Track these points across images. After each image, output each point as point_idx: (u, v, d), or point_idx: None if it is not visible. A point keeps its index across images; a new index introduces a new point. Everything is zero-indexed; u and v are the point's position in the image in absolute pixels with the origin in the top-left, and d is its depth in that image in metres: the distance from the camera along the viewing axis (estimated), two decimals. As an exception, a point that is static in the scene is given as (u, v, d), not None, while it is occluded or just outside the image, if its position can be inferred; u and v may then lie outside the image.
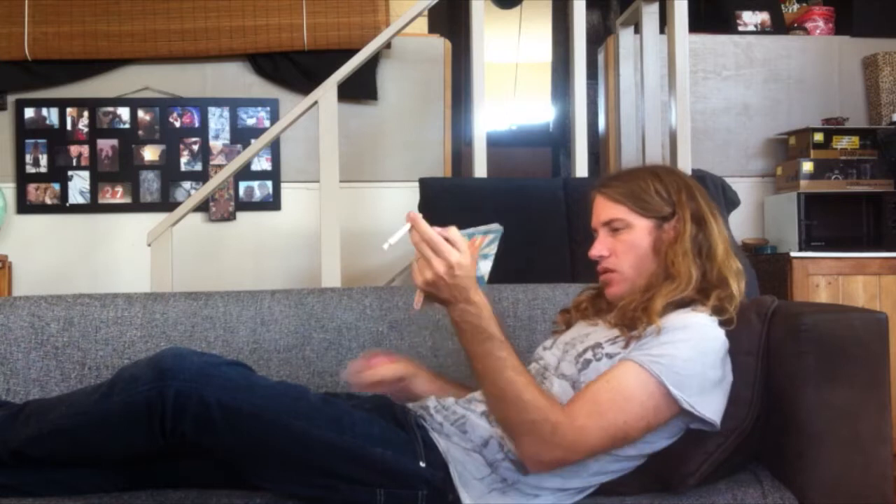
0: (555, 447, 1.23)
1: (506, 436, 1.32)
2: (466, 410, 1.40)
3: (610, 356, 1.36)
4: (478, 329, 1.22)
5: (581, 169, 2.83)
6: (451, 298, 1.21)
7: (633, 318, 1.36)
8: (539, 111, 5.57)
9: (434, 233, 1.20)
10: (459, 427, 1.37)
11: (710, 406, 1.30)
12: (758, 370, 1.38)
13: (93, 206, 3.39)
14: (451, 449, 1.34)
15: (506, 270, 2.30)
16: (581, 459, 1.27)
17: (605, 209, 1.48)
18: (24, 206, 3.36)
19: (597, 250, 1.47)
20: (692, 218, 1.42)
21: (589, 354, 1.39)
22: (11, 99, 3.38)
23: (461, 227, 1.23)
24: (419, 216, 1.22)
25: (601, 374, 1.30)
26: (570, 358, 1.43)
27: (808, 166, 3.20)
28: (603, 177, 1.53)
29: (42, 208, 3.37)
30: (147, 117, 3.42)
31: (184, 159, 3.43)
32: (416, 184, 2.64)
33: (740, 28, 3.63)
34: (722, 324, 1.37)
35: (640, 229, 1.44)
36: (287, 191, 3.46)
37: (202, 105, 3.44)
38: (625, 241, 1.44)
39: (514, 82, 5.68)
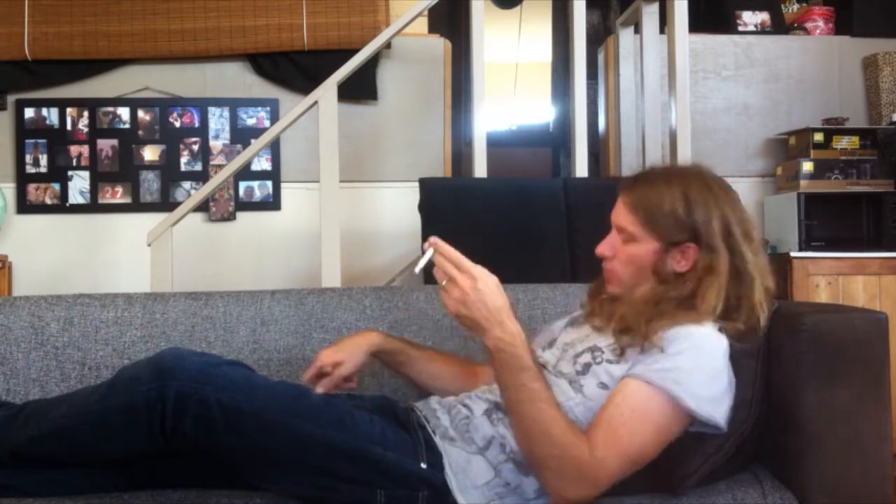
0: (578, 483, 1.22)
1: (507, 436, 1.32)
2: (469, 411, 1.40)
3: (610, 361, 1.35)
4: (513, 358, 1.22)
5: (581, 169, 2.83)
6: (485, 322, 1.21)
7: (633, 332, 1.33)
8: (539, 111, 5.57)
9: (456, 252, 1.23)
10: (464, 428, 1.37)
11: (720, 412, 1.30)
12: (758, 372, 1.38)
13: (93, 206, 3.39)
14: (453, 454, 1.34)
15: (506, 270, 2.31)
16: (606, 488, 1.25)
17: (620, 213, 1.43)
18: (24, 206, 3.36)
19: (602, 249, 1.46)
20: (727, 248, 1.35)
21: (587, 357, 1.38)
22: (11, 99, 3.38)
23: (461, 226, 1.24)
24: (439, 239, 1.24)
25: (610, 399, 1.28)
26: (568, 357, 1.43)
27: (808, 166, 3.20)
28: (636, 174, 1.47)
29: (42, 208, 3.37)
30: (147, 117, 3.42)
31: (184, 159, 3.43)
32: (416, 184, 2.64)
33: (740, 28, 3.63)
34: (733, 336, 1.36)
35: (646, 248, 1.40)
36: (287, 191, 3.46)
37: (202, 105, 3.44)
38: (629, 252, 1.42)
39: (514, 82, 5.68)
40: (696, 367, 1.29)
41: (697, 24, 3.41)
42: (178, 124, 3.44)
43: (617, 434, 1.24)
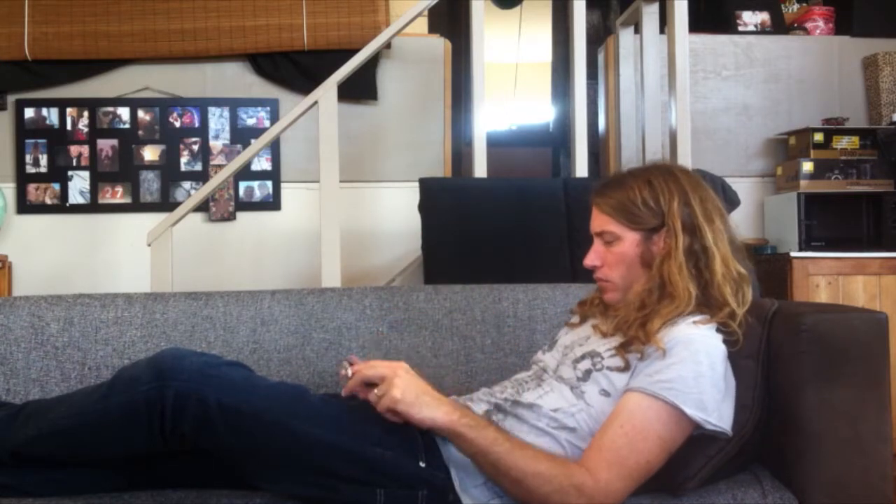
0: None
1: None
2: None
3: (611, 369, 1.35)
4: (472, 420, 1.25)
5: (581, 169, 2.83)
6: (428, 401, 1.26)
7: (631, 339, 1.35)
8: (539, 111, 5.57)
9: (366, 365, 1.32)
10: None
11: (724, 417, 1.30)
12: (759, 374, 1.38)
13: (93, 206, 3.39)
14: (453, 452, 1.33)
15: (506, 270, 2.31)
16: None
17: (597, 219, 1.47)
18: (24, 206, 3.36)
19: (589, 260, 1.48)
20: (684, 228, 1.39)
21: (587, 363, 1.38)
22: (11, 99, 3.38)
23: (461, 226, 1.24)
24: (355, 361, 1.35)
25: (613, 418, 1.28)
26: (568, 361, 1.43)
27: (808, 166, 3.20)
28: (600, 183, 1.51)
29: (42, 208, 3.37)
30: (147, 117, 3.42)
31: (184, 159, 3.43)
32: (416, 184, 2.64)
33: (740, 28, 3.63)
34: (729, 343, 1.36)
35: (629, 242, 1.43)
36: (287, 191, 3.46)
37: (202, 105, 3.44)
38: (615, 252, 1.44)
39: (514, 82, 5.68)
40: (699, 375, 1.28)
41: (697, 24, 3.41)
42: (178, 124, 3.44)
43: (620, 455, 1.24)
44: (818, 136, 3.25)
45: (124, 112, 3.41)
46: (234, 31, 3.39)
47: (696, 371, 1.28)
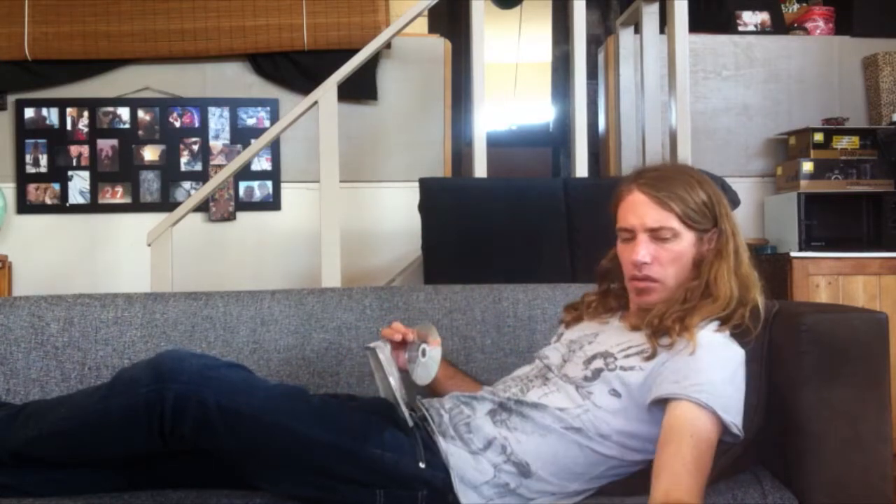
0: None
1: (509, 437, 1.32)
2: (472, 410, 1.40)
3: (624, 369, 1.35)
4: None
5: (581, 169, 2.83)
6: None
7: (667, 328, 1.34)
8: (539, 111, 5.57)
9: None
10: (464, 428, 1.36)
11: (741, 421, 1.31)
12: (761, 376, 1.39)
13: (93, 206, 3.39)
14: (453, 451, 1.34)
15: (506, 270, 2.31)
16: None
17: (652, 213, 1.40)
18: (24, 206, 3.36)
19: (641, 256, 1.40)
20: (732, 232, 1.42)
21: (599, 363, 1.38)
22: (11, 99, 3.38)
23: (461, 226, 1.24)
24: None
25: (678, 434, 1.23)
26: (576, 360, 1.42)
27: (808, 166, 3.19)
28: (646, 172, 1.45)
29: (42, 208, 3.37)
30: (147, 117, 3.42)
31: (184, 159, 3.43)
32: (416, 184, 2.64)
33: (740, 28, 3.63)
34: (743, 344, 1.37)
35: (687, 241, 1.41)
36: (287, 191, 3.46)
37: (202, 105, 3.44)
38: (672, 250, 1.40)
39: (514, 82, 5.68)
40: (724, 380, 1.29)
41: (697, 24, 3.40)
42: (178, 124, 3.44)
43: (697, 465, 1.21)
44: (818, 136, 3.25)
45: (124, 112, 3.41)
46: (234, 31, 3.39)
47: (722, 376, 1.29)
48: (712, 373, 1.28)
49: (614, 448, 1.33)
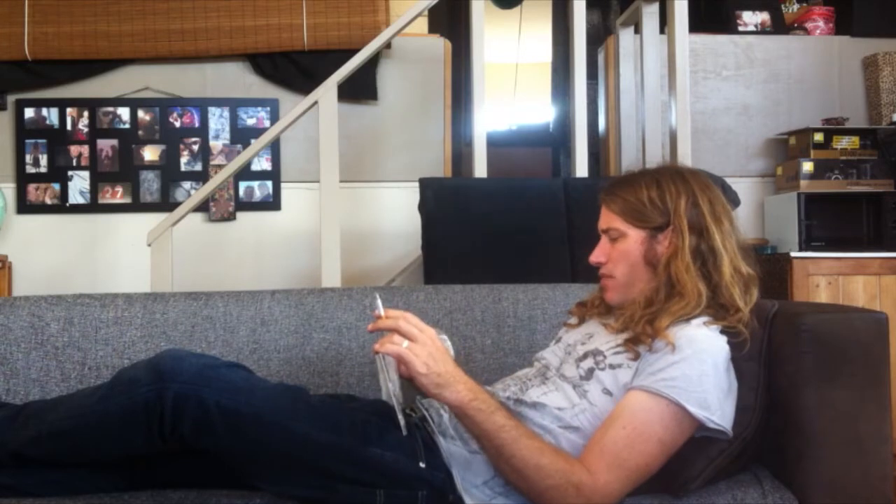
0: None
1: None
2: None
3: (613, 367, 1.35)
4: (484, 403, 1.23)
5: (581, 169, 2.83)
6: (450, 375, 1.21)
7: (638, 335, 1.35)
8: (539, 111, 5.57)
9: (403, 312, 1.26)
10: (463, 428, 1.36)
11: (726, 416, 1.30)
12: (760, 375, 1.38)
13: (93, 206, 3.39)
14: (454, 451, 1.34)
15: (506, 270, 2.31)
16: None
17: (604, 217, 1.49)
18: (24, 206, 3.36)
19: (594, 256, 1.49)
20: (692, 228, 1.39)
21: (590, 362, 1.38)
22: (11, 99, 3.38)
23: (461, 226, 1.24)
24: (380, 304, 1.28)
25: (615, 417, 1.28)
26: (571, 360, 1.43)
27: (808, 166, 3.20)
28: (609, 182, 1.53)
29: (42, 208, 3.37)
30: (147, 117, 3.42)
31: (184, 159, 3.43)
32: (416, 184, 2.64)
33: (740, 28, 3.63)
34: (737, 345, 1.36)
35: (633, 239, 1.44)
36: (287, 191, 3.46)
37: (202, 105, 3.44)
38: (619, 249, 1.45)
39: (514, 82, 5.67)
40: (702, 374, 1.29)
41: (697, 24, 3.41)
42: (178, 124, 3.44)
43: (620, 457, 1.24)
44: (818, 136, 3.25)
45: (124, 112, 3.41)
46: (234, 31, 3.39)
47: (700, 370, 1.29)
48: (687, 367, 1.28)
49: None
